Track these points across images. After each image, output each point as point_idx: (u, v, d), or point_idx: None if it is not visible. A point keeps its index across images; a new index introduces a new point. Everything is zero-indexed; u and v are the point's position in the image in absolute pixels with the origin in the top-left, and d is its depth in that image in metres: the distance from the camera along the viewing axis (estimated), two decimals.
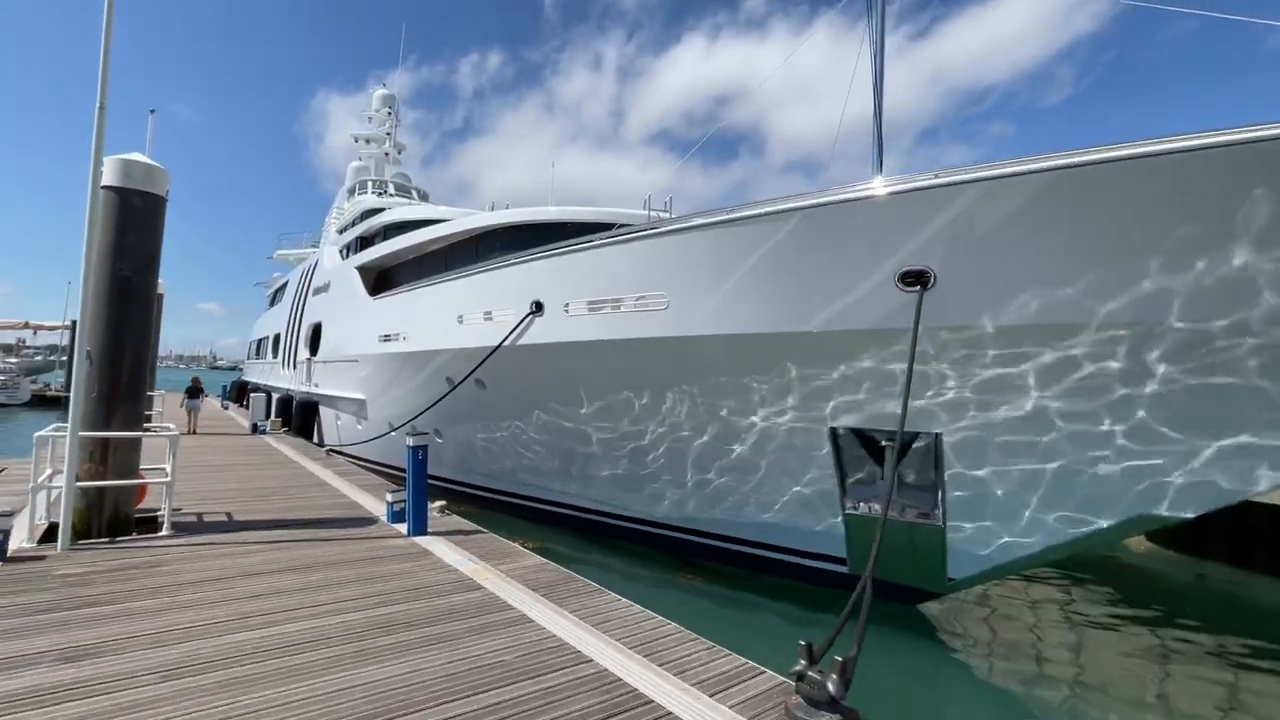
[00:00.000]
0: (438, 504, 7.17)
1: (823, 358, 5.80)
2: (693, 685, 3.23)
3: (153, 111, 12.57)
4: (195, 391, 15.87)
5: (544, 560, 5.57)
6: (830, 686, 2.91)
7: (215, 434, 15.08)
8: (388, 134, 27.72)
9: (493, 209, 14.82)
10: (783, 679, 3.31)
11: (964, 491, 5.95)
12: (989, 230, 4.51)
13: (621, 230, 7.10)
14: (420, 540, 6.06)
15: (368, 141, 27.63)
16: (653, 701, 3.02)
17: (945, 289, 4.85)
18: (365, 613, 4.09)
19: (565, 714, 2.86)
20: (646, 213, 8.81)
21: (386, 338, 12.20)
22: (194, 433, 14.82)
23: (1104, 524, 5.48)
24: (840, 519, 6.82)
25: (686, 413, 7.39)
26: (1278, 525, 9.81)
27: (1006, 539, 6.00)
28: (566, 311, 7.59)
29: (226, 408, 25.05)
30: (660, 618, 4.21)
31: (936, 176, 4.63)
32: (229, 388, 29.90)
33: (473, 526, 6.75)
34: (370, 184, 23.55)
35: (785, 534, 7.53)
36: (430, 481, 6.88)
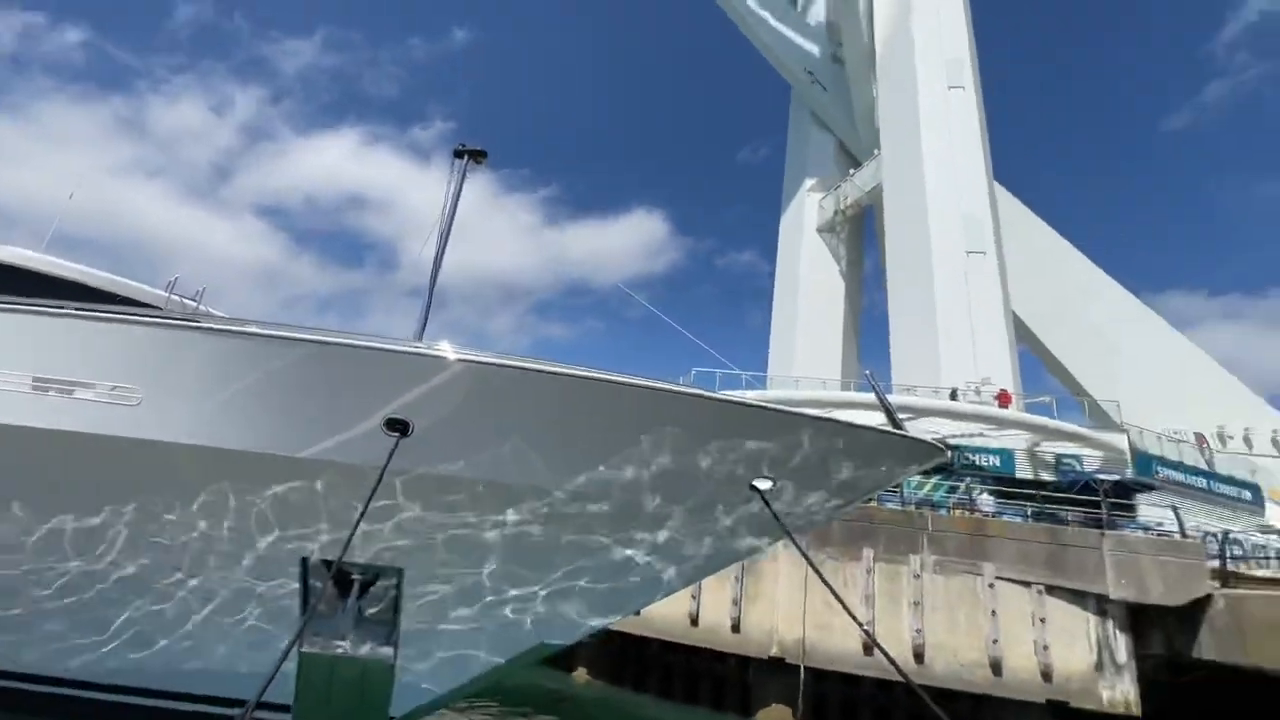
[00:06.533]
0: None
1: (307, 485, 5.98)
2: None
3: None
4: None
5: None
6: None
7: None
8: None
9: None
10: None
11: (414, 628, 6.61)
12: (451, 401, 5.76)
13: (114, 309, 6.19)
14: None
15: None
16: None
17: (420, 440, 5.81)
18: None
19: None
20: (166, 295, 7.90)
21: None
22: None
23: (516, 652, 6.82)
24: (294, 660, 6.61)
25: (141, 532, 6.34)
26: (662, 655, 13.40)
27: (444, 671, 6.79)
28: None
29: None
30: None
31: (417, 346, 5.77)
32: None
33: None
34: None
35: (235, 682, 6.79)
36: None
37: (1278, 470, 24.72)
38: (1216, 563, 12.40)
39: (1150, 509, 15.76)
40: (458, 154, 9.54)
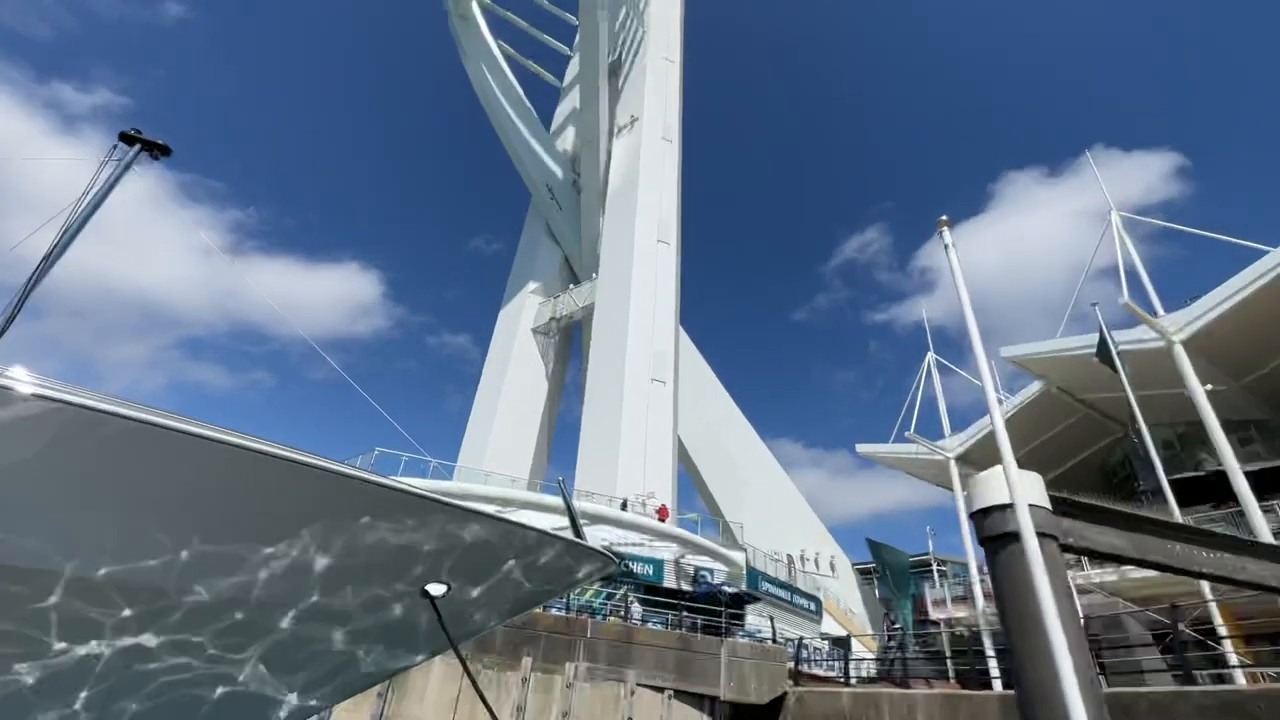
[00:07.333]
0: None
1: None
2: None
3: None
4: None
5: None
6: None
7: None
8: None
9: None
10: None
11: None
12: (14, 453, 4.13)
13: None
14: None
15: None
16: None
17: None
18: None
19: None
20: None
21: None
22: None
23: None
24: None
25: None
26: None
27: None
28: None
29: None
30: None
31: None
32: None
33: None
34: None
35: None
36: None
37: (832, 587, 32.64)
38: (793, 664, 15.41)
39: (754, 617, 19.09)
40: (127, 139, 7.63)
